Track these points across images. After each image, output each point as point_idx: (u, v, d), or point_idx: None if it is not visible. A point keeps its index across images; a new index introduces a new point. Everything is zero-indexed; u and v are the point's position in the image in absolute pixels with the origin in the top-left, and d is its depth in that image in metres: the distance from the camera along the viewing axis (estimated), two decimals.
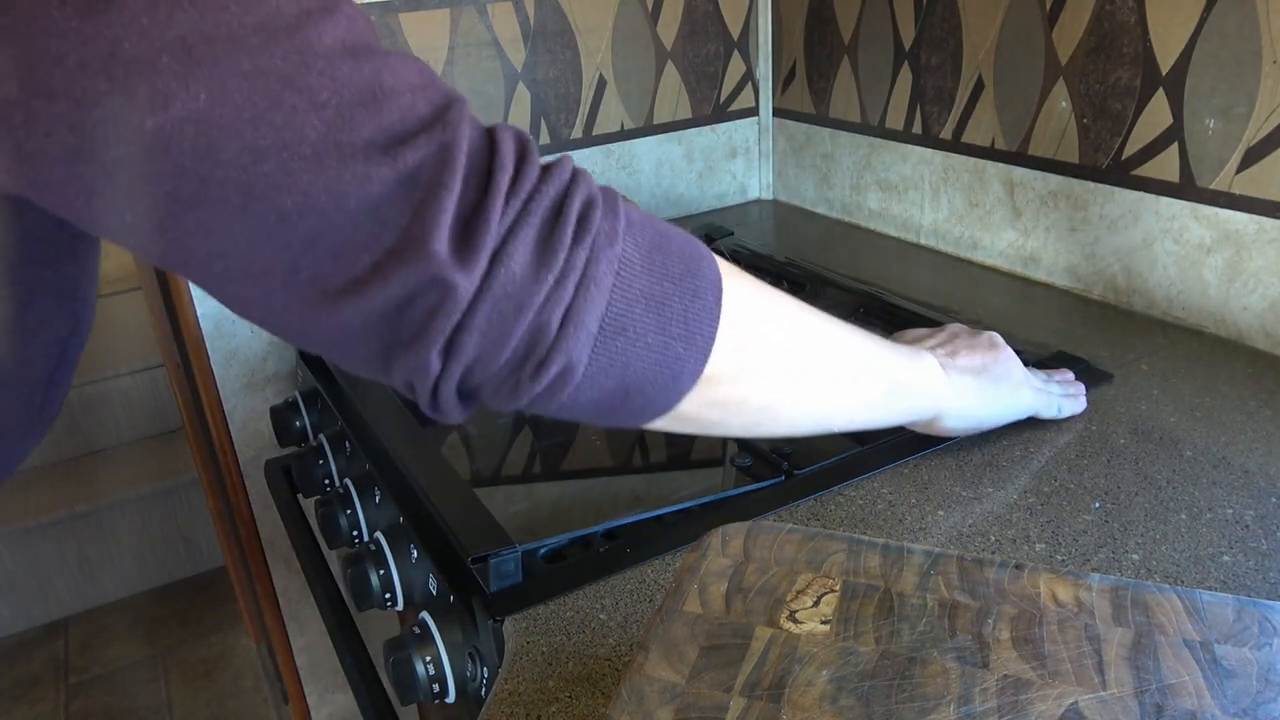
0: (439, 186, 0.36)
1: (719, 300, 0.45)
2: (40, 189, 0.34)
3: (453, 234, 0.36)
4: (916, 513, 0.65)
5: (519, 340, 0.39)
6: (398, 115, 0.36)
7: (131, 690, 1.90)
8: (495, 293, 0.37)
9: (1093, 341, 0.89)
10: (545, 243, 0.38)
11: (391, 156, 0.35)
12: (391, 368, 0.39)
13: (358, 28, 0.36)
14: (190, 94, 0.32)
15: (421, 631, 0.64)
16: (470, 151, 0.38)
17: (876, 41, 1.18)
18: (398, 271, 0.36)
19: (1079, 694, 0.37)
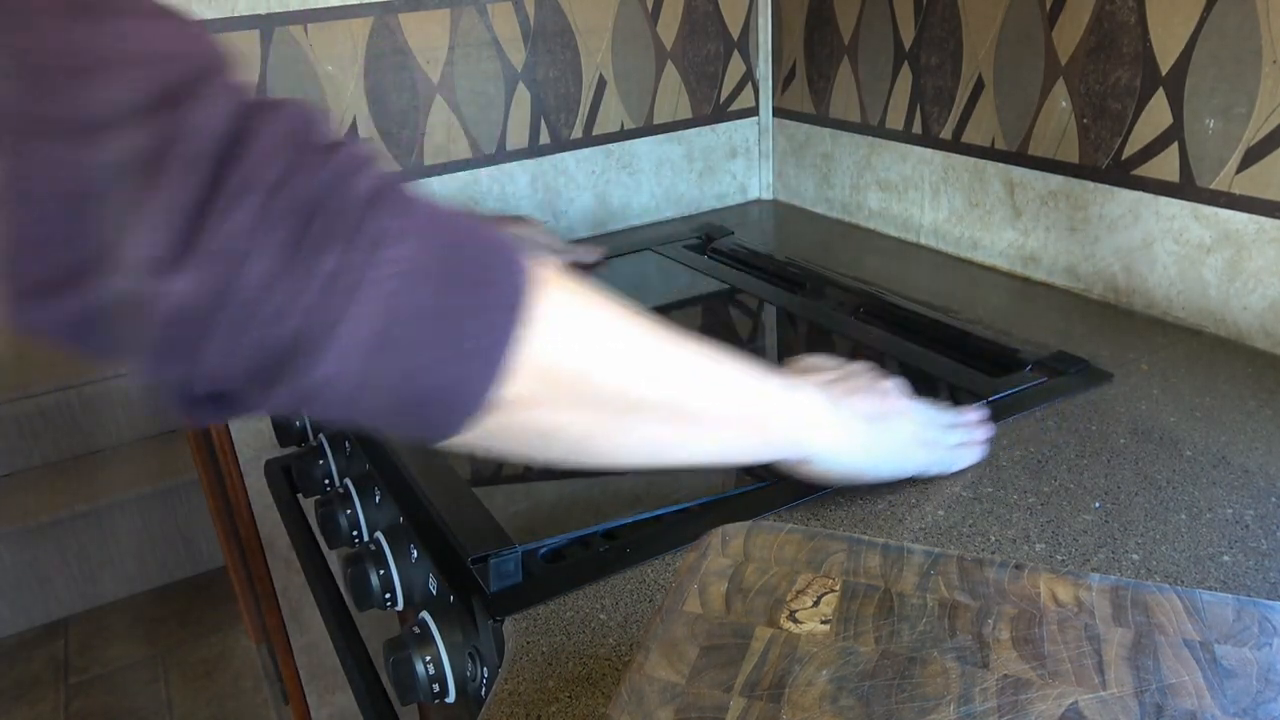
0: (148, 182, 0.31)
1: (518, 317, 0.39)
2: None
3: (163, 237, 0.31)
4: (916, 513, 0.65)
5: (261, 350, 0.34)
6: (114, 91, 0.30)
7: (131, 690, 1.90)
8: (222, 300, 0.33)
9: (1093, 341, 0.89)
10: (298, 244, 0.33)
11: (94, 141, 0.30)
12: (127, 368, 0.35)
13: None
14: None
15: (421, 631, 0.64)
16: (206, 140, 0.32)
17: (876, 41, 1.18)
18: (93, 279, 0.31)
19: (1079, 694, 0.37)
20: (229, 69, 0.34)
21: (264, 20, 1.04)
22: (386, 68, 1.12)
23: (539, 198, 1.26)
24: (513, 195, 1.24)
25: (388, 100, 1.13)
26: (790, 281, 1.09)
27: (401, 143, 1.15)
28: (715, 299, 1.08)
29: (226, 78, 0.33)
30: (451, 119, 1.17)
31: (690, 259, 1.19)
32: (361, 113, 1.12)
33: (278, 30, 1.05)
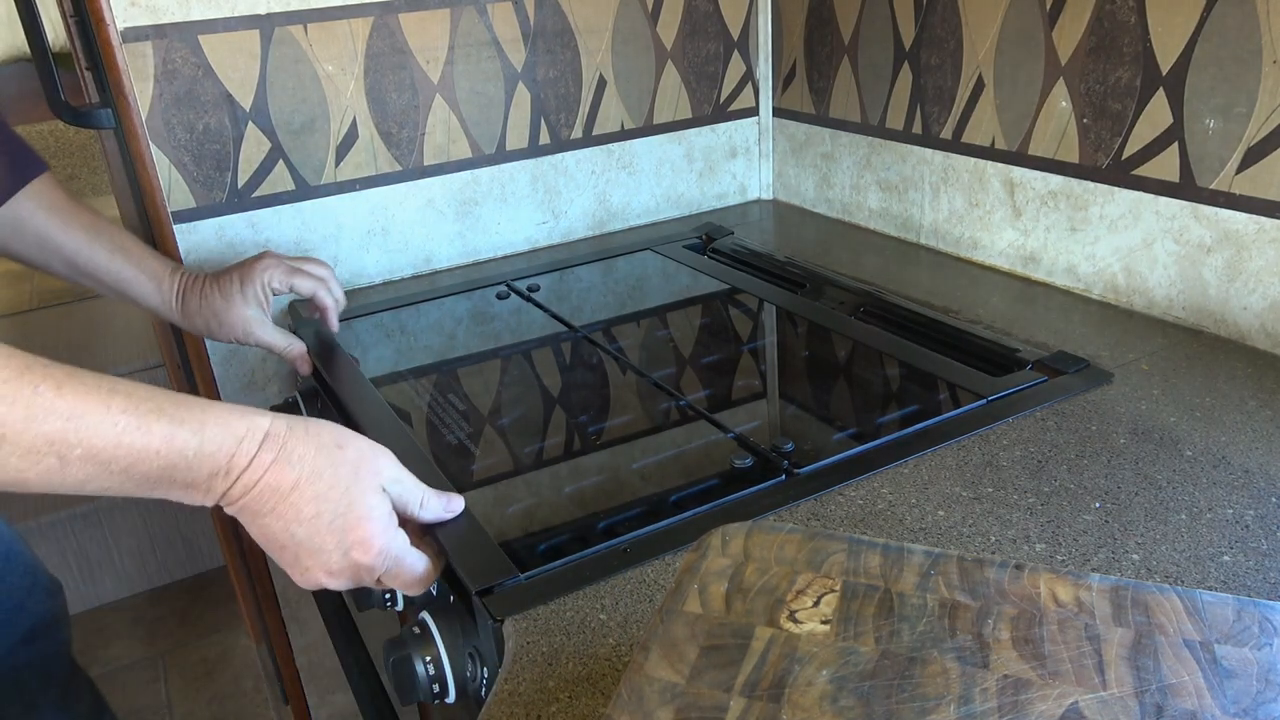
0: None
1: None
2: None
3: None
4: (916, 513, 0.65)
5: None
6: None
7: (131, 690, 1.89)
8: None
9: (1093, 341, 0.89)
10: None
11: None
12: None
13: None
14: None
15: (421, 631, 0.64)
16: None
17: (876, 41, 1.18)
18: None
19: (1079, 694, 0.37)
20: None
21: (264, 20, 1.04)
22: (386, 68, 1.12)
23: (539, 198, 1.26)
24: (513, 195, 1.24)
25: (388, 100, 1.13)
26: (790, 281, 1.09)
27: (401, 143, 1.15)
28: (715, 299, 1.08)
29: None
30: (451, 119, 1.17)
31: (690, 259, 1.19)
32: (361, 113, 1.12)
33: (278, 30, 1.05)
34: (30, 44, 0.99)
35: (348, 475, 0.58)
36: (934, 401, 0.83)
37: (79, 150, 3.40)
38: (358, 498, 0.58)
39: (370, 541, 0.58)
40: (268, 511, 0.56)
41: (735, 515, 0.65)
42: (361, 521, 0.58)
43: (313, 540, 0.57)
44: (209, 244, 1.09)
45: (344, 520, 0.57)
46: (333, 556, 0.58)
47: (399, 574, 0.61)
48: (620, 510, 0.68)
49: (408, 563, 0.61)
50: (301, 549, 0.57)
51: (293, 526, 0.57)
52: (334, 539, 0.57)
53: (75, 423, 0.50)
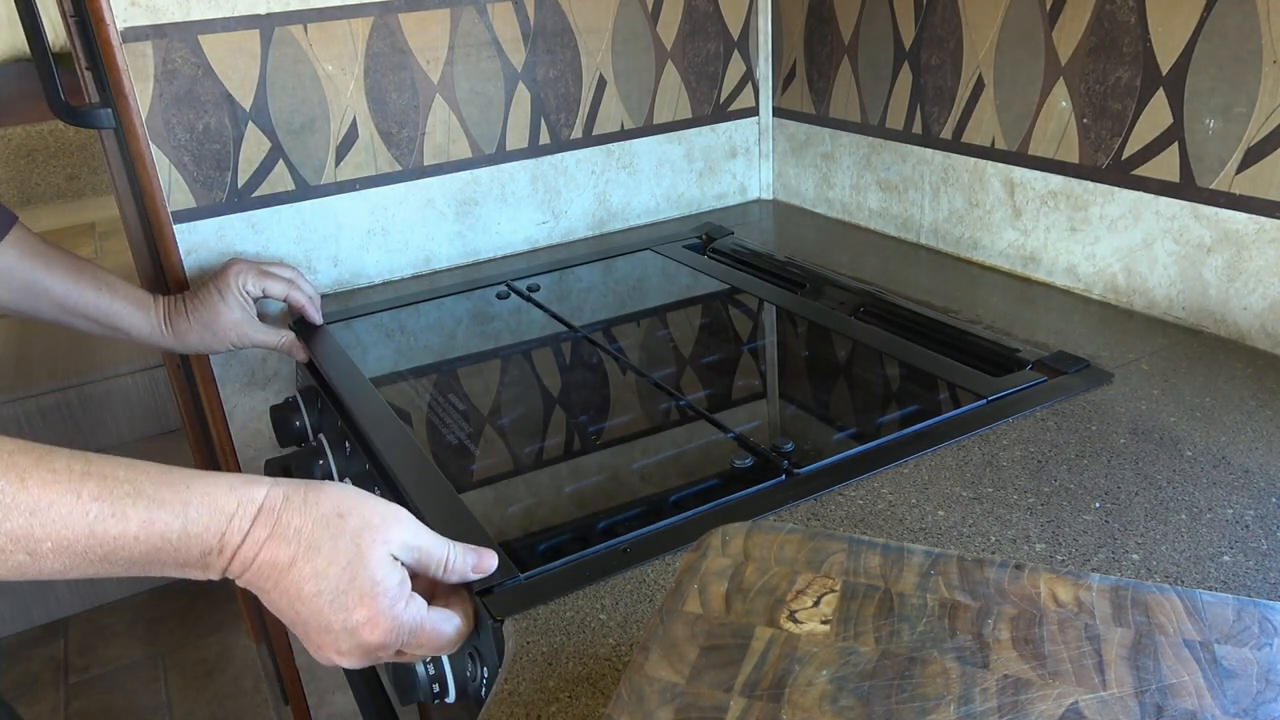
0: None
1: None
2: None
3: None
4: (916, 513, 0.65)
5: None
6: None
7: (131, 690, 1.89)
8: None
9: (1093, 341, 0.89)
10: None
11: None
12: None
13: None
14: None
15: None
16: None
17: (876, 41, 1.18)
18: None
19: (1079, 694, 0.37)
20: None
21: (264, 20, 1.04)
22: (386, 68, 1.12)
23: (539, 198, 1.26)
24: (513, 195, 1.24)
25: (388, 100, 1.13)
26: (790, 281, 1.09)
27: (401, 143, 1.15)
28: (715, 299, 1.08)
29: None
30: (451, 119, 1.17)
31: (690, 259, 1.19)
32: (361, 113, 1.12)
33: (278, 30, 1.05)
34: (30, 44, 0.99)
35: (348, 548, 0.54)
36: (934, 401, 0.83)
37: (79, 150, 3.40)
38: (360, 572, 0.54)
39: (376, 620, 0.54)
40: (270, 588, 0.54)
41: (735, 515, 0.65)
42: (365, 599, 0.53)
43: (318, 620, 0.54)
44: (209, 244, 1.09)
45: (346, 598, 0.53)
46: (340, 638, 0.54)
47: (421, 643, 0.56)
48: (620, 510, 0.68)
49: (428, 630, 0.56)
50: (309, 628, 0.54)
51: (296, 605, 0.53)
52: (338, 618, 0.53)
53: (41, 516, 0.47)
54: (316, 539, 0.53)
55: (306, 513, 0.54)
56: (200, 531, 0.51)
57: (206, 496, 0.52)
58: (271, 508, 0.53)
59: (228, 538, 0.52)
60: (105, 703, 1.87)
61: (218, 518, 0.52)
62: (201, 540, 0.51)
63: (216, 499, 0.52)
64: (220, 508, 0.52)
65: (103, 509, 0.49)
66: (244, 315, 0.97)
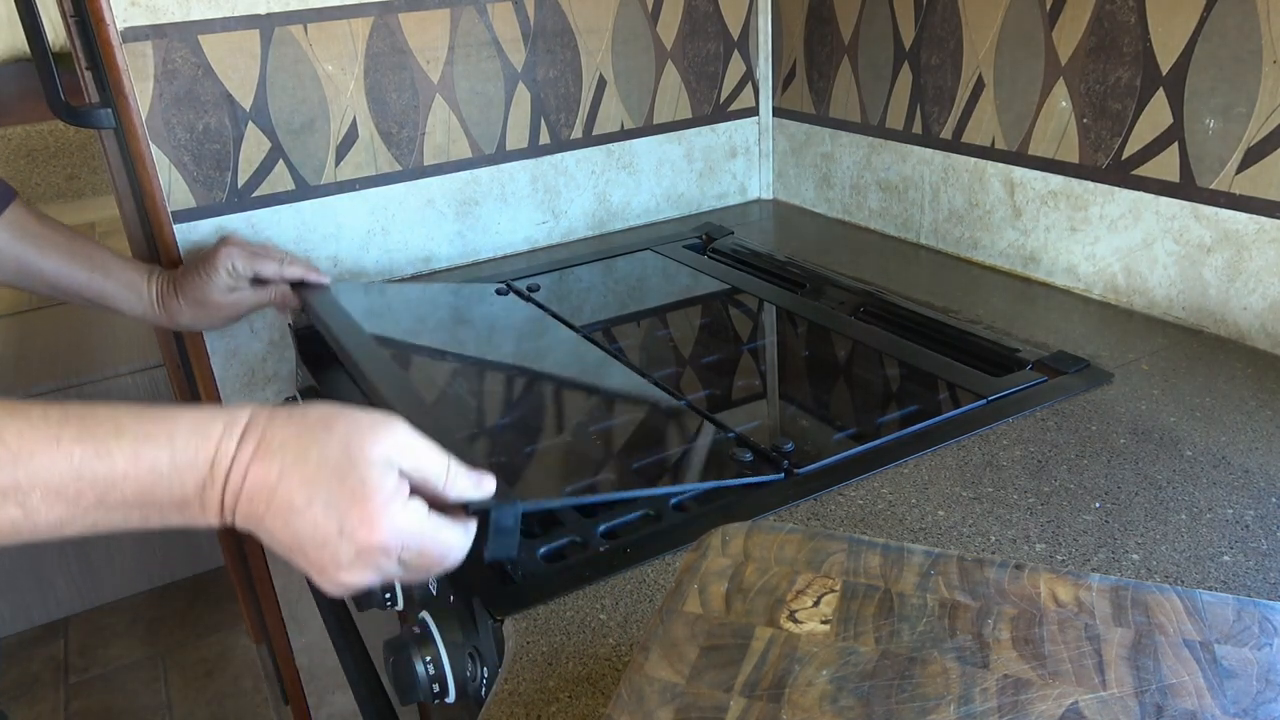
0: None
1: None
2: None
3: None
4: (916, 513, 0.65)
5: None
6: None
7: (131, 690, 1.89)
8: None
9: (1093, 341, 0.89)
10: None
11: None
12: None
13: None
14: None
15: (421, 631, 0.64)
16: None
17: (876, 41, 1.18)
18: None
19: (1079, 694, 0.37)
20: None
21: (264, 20, 1.04)
22: (386, 68, 1.12)
23: (539, 198, 1.26)
24: (513, 195, 1.24)
25: (388, 100, 1.13)
26: (790, 281, 1.09)
27: (401, 143, 1.15)
28: (715, 299, 1.08)
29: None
30: (451, 119, 1.17)
31: (690, 259, 1.19)
32: (361, 113, 1.12)
33: (278, 30, 1.05)
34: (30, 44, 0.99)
35: (337, 454, 0.51)
36: (934, 401, 0.83)
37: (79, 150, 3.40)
38: (349, 473, 0.51)
39: (374, 518, 0.51)
40: (264, 513, 0.51)
41: (735, 515, 0.65)
42: (358, 499, 0.51)
43: (315, 533, 0.51)
44: (209, 244, 1.09)
45: (339, 502, 0.50)
46: (340, 547, 0.51)
47: (425, 550, 0.53)
48: (620, 510, 0.68)
49: (430, 534, 0.53)
50: (308, 546, 0.51)
51: (291, 523, 0.51)
52: (334, 525, 0.51)
53: (25, 465, 0.46)
54: (304, 448, 0.51)
55: (291, 425, 0.52)
56: (189, 461, 0.49)
57: (192, 423, 0.50)
58: (256, 424, 0.51)
59: (217, 462, 0.50)
60: (105, 703, 1.87)
61: (205, 443, 0.50)
62: (194, 470, 0.49)
63: (202, 424, 0.50)
64: (206, 432, 0.50)
65: (86, 450, 0.47)
66: (235, 285, 0.98)
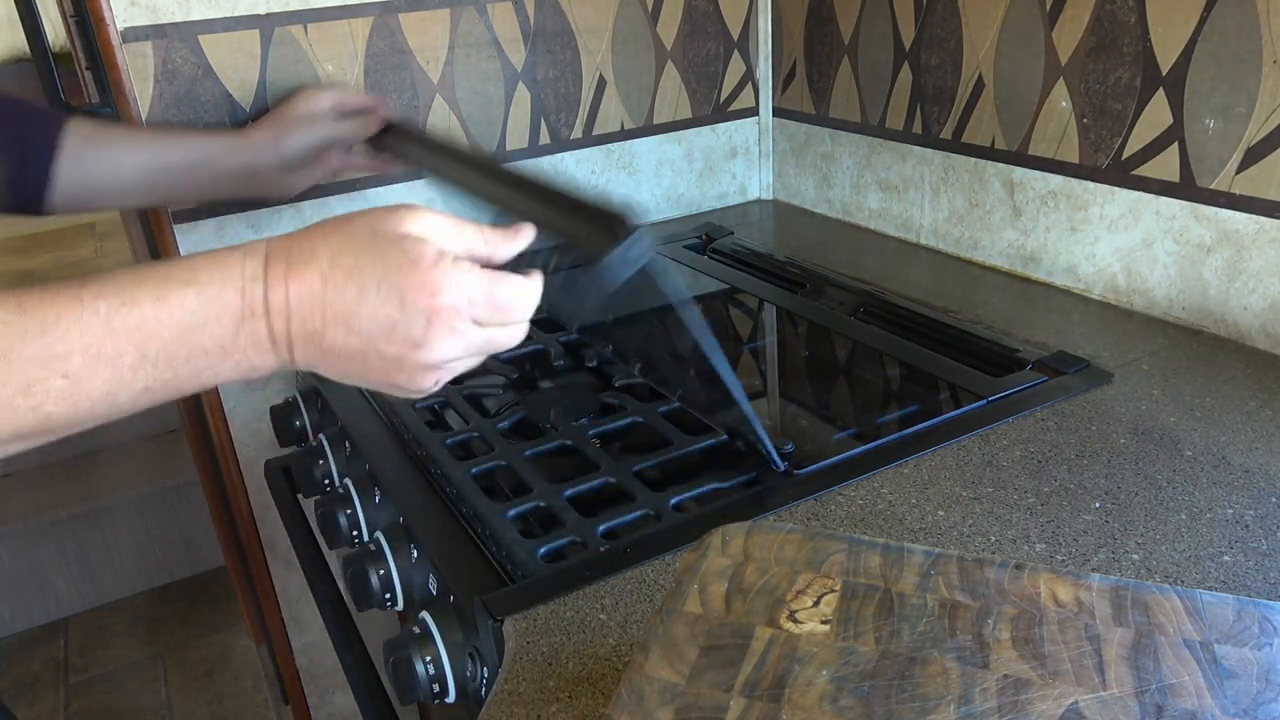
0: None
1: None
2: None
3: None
4: (916, 513, 0.65)
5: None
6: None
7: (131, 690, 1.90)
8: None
9: (1093, 341, 0.89)
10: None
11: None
12: None
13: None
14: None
15: (421, 631, 0.64)
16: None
17: (876, 41, 1.18)
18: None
19: (1079, 694, 0.37)
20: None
21: (264, 20, 1.04)
22: (386, 68, 1.12)
23: None
24: None
25: (388, 100, 1.13)
26: (790, 281, 1.09)
27: None
28: (715, 299, 1.08)
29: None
30: (451, 119, 1.17)
31: (690, 259, 1.19)
32: None
33: (278, 30, 1.05)
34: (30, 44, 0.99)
35: (368, 239, 0.49)
36: (934, 402, 0.83)
37: None
38: (389, 250, 0.48)
39: (431, 279, 0.48)
40: (320, 326, 0.48)
41: (735, 515, 0.65)
42: (406, 269, 0.48)
43: (379, 320, 0.48)
44: (209, 244, 1.09)
45: (391, 277, 0.48)
46: (410, 322, 0.48)
47: (496, 301, 0.50)
48: (620, 511, 0.68)
49: (494, 285, 0.50)
50: (377, 341, 0.49)
51: (351, 321, 0.48)
52: (394, 304, 0.48)
53: (54, 332, 0.45)
54: (335, 246, 0.49)
55: (311, 235, 0.50)
56: (218, 293, 0.48)
57: (209, 259, 0.49)
58: (277, 246, 0.50)
59: (250, 290, 0.48)
60: (105, 703, 1.87)
61: (229, 274, 0.48)
62: (224, 302, 0.48)
63: (218, 257, 0.49)
64: (225, 263, 0.48)
65: (110, 303, 0.46)
66: (315, 123, 0.96)
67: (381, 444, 0.83)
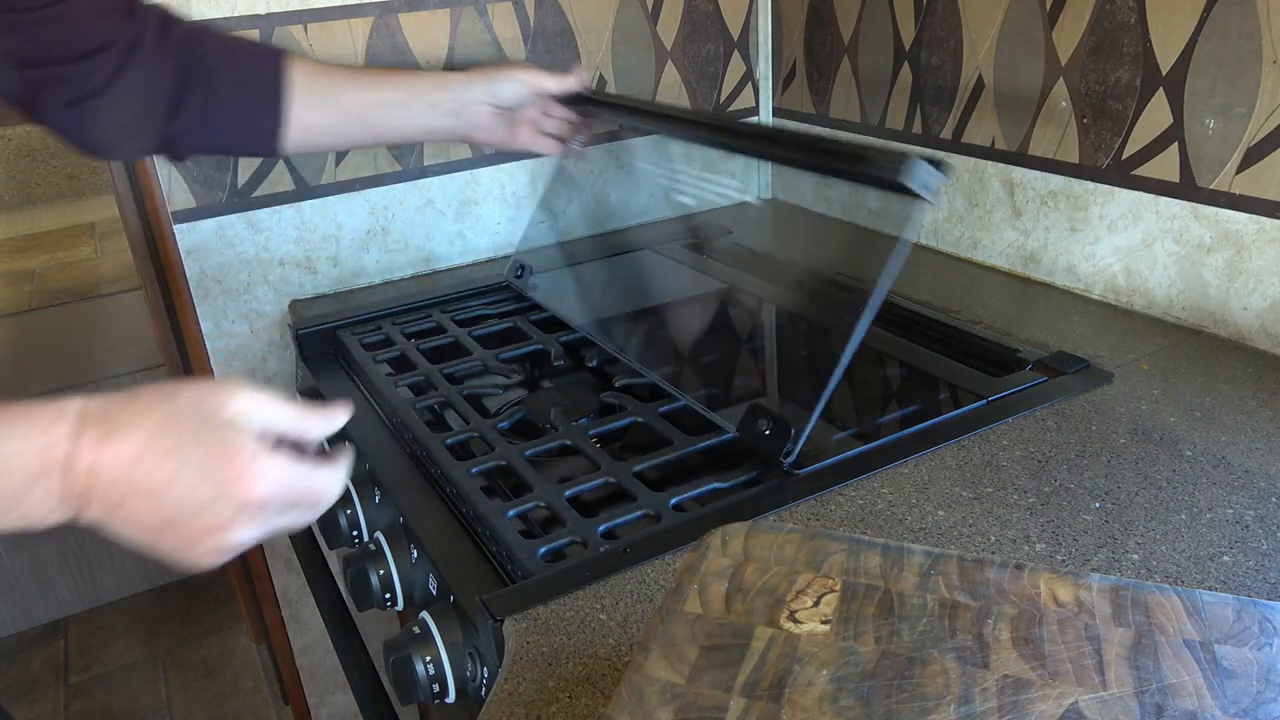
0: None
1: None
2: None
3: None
4: (916, 513, 0.65)
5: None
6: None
7: (131, 690, 1.90)
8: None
9: (1093, 341, 0.89)
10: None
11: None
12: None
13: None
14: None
15: (421, 631, 0.64)
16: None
17: (876, 41, 1.18)
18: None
19: (1079, 694, 0.37)
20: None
21: (264, 20, 1.04)
22: None
23: (539, 197, 1.26)
24: (513, 195, 1.24)
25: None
26: (790, 281, 1.09)
27: None
28: (715, 299, 1.08)
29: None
30: None
31: (690, 259, 1.19)
32: None
33: (278, 30, 1.05)
34: None
35: (191, 419, 0.50)
36: (934, 401, 0.83)
37: None
38: (211, 434, 0.50)
39: (250, 470, 0.50)
40: (125, 495, 0.48)
41: (735, 515, 0.65)
42: (227, 454, 0.49)
43: (188, 501, 0.49)
44: (209, 244, 1.09)
45: (209, 463, 0.49)
46: (219, 508, 0.49)
47: (303, 491, 0.52)
48: (620, 511, 0.68)
49: (302, 478, 0.52)
50: (182, 519, 0.49)
51: (158, 500, 0.49)
52: (209, 488, 0.49)
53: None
54: (157, 423, 0.49)
55: (133, 403, 0.50)
56: (17, 450, 0.47)
57: (15, 416, 0.48)
58: (93, 409, 0.49)
59: (52, 451, 0.47)
60: (105, 703, 1.87)
61: (31, 434, 0.47)
62: (22, 461, 0.47)
63: (25, 416, 0.48)
64: (31, 423, 0.48)
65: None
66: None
67: (381, 444, 0.83)
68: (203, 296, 1.10)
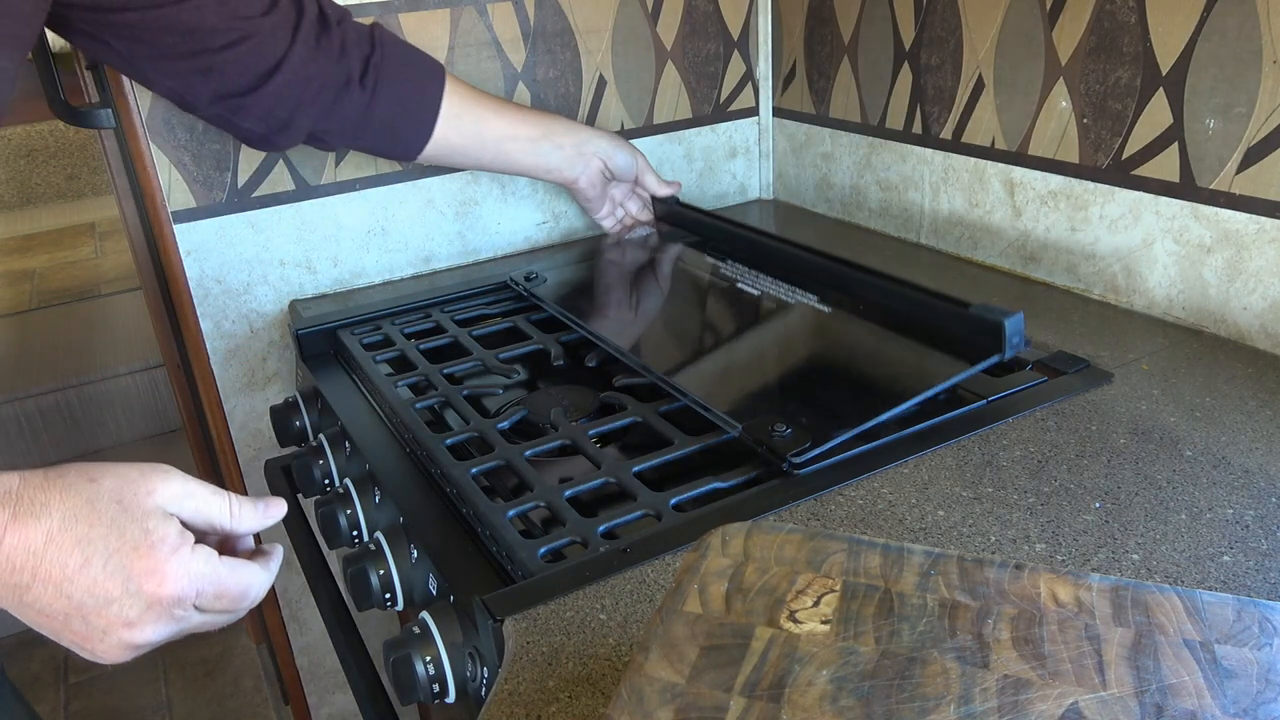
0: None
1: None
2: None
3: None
4: (916, 513, 0.65)
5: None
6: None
7: (131, 690, 1.90)
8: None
9: (1093, 341, 0.89)
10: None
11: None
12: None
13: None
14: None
15: (421, 631, 0.64)
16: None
17: (876, 41, 1.18)
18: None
19: (1079, 694, 0.37)
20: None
21: None
22: None
23: (539, 198, 1.26)
24: (513, 195, 1.24)
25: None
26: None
27: None
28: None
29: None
30: None
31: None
32: None
33: None
34: None
35: (109, 508, 0.48)
36: (934, 401, 0.82)
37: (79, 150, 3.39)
38: (128, 526, 0.48)
39: (162, 570, 0.48)
40: (29, 581, 0.47)
41: (735, 515, 0.65)
42: (141, 551, 0.48)
43: (94, 594, 0.47)
44: (209, 244, 1.09)
45: (120, 556, 0.47)
46: (126, 605, 0.48)
47: (224, 594, 0.51)
48: (620, 511, 0.68)
49: (226, 576, 0.51)
50: (87, 611, 0.48)
51: (64, 587, 0.47)
52: (118, 583, 0.47)
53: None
54: (72, 508, 0.47)
55: (51, 487, 0.48)
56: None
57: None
58: (8, 490, 0.47)
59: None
60: (105, 703, 1.87)
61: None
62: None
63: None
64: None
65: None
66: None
67: (381, 444, 0.83)
68: (203, 296, 1.10)
